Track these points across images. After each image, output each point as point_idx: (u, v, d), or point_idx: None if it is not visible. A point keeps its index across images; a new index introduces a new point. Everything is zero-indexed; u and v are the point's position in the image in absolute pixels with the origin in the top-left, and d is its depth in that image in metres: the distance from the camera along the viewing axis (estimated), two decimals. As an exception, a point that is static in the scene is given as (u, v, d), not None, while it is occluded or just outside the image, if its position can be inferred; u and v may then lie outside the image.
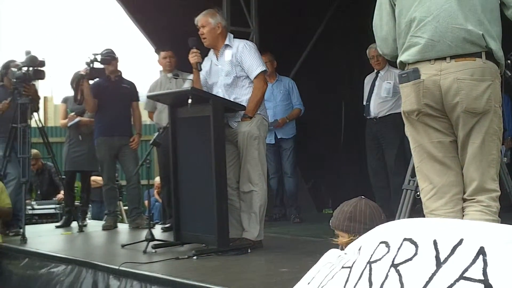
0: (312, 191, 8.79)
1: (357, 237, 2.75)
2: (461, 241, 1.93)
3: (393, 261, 2.00)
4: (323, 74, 8.36)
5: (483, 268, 1.85)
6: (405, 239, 2.03)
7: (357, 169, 7.77)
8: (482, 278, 1.83)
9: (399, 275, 1.96)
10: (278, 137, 7.16)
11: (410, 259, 1.98)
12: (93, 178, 7.97)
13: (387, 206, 6.22)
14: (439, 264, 1.91)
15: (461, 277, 1.86)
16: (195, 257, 4.65)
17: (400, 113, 3.26)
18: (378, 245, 2.10)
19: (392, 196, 6.27)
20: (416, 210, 3.90)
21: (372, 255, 2.09)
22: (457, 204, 3.05)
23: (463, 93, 2.92)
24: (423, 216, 3.19)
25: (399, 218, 3.91)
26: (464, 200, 3.06)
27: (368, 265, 2.06)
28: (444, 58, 2.96)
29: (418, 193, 3.44)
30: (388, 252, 2.05)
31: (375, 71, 6.84)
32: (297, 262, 4.19)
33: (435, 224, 2.09)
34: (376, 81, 6.80)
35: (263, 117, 5.20)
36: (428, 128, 3.07)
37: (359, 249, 2.17)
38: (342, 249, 2.81)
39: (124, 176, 7.39)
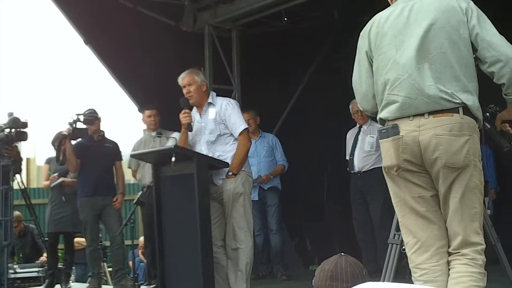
0: (298, 248, 8.74)
1: None
2: None
3: None
4: (306, 130, 8.42)
5: None
6: None
7: (343, 224, 7.74)
8: None
9: None
10: (266, 188, 7.13)
11: None
12: (76, 239, 7.87)
13: (374, 260, 6.20)
14: None
15: None
16: (181, 318, 4.57)
17: (382, 168, 3.27)
18: None
19: (378, 251, 6.23)
20: (402, 265, 3.88)
21: None
22: (442, 258, 3.04)
23: (441, 149, 2.94)
24: (410, 270, 3.17)
25: (385, 273, 3.88)
26: (450, 254, 3.05)
27: None
28: (422, 114, 2.99)
29: (403, 247, 3.43)
30: None
31: (358, 125, 6.90)
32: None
33: None
34: (359, 136, 6.85)
35: (248, 173, 5.21)
36: (409, 183, 3.08)
37: None
38: None
39: (108, 236, 7.31)
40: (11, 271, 8.37)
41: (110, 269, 8.38)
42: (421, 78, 2.99)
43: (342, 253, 2.88)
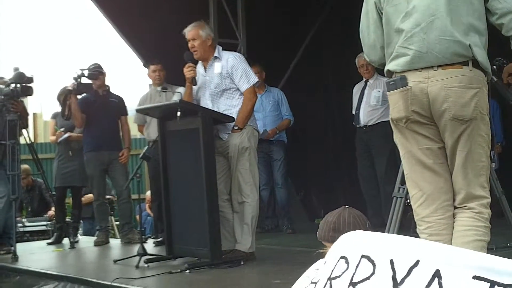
0: (303, 202, 8.79)
1: None
2: (417, 263, 1.92)
3: (351, 279, 1.99)
4: (312, 84, 8.39)
5: None
6: (363, 256, 2.02)
7: (348, 178, 7.78)
8: None
9: None
10: (271, 141, 7.14)
11: (368, 278, 1.96)
12: (84, 197, 7.93)
13: (379, 214, 6.24)
14: (396, 285, 1.90)
15: None
16: (188, 271, 4.62)
17: (389, 121, 3.26)
18: (338, 260, 2.08)
19: (383, 204, 6.27)
20: (407, 218, 3.91)
21: (332, 271, 2.07)
22: (447, 211, 3.05)
23: (450, 100, 2.92)
24: (414, 223, 3.19)
25: (390, 226, 3.91)
26: (455, 207, 3.06)
27: (328, 282, 2.05)
28: (431, 66, 2.97)
29: (408, 201, 3.45)
30: (347, 269, 2.03)
31: (364, 80, 6.87)
32: (290, 273, 4.17)
33: (392, 242, 2.07)
34: (365, 90, 6.82)
35: (254, 128, 5.21)
36: (417, 135, 3.07)
37: (324, 263, 2.17)
38: None
39: (115, 190, 7.37)
40: (20, 224, 8.49)
41: (118, 222, 8.48)
42: (432, 31, 2.96)
43: (346, 206, 2.90)
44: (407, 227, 4.50)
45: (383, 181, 6.49)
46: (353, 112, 6.91)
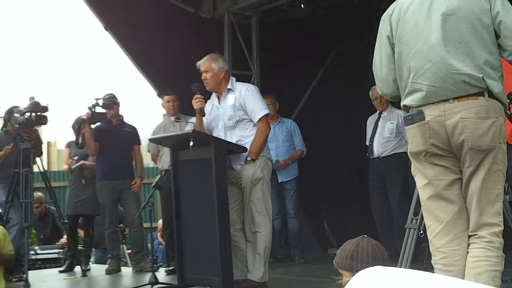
0: (316, 232, 8.76)
1: None
2: None
3: None
4: (325, 115, 8.41)
5: None
6: None
7: (361, 208, 7.74)
8: None
9: None
10: (279, 181, 7.17)
11: None
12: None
13: (392, 245, 6.20)
14: None
15: None
16: (199, 300, 4.61)
17: (403, 153, 3.29)
18: None
19: (396, 236, 6.24)
20: (421, 249, 3.89)
21: None
22: (463, 241, 3.03)
23: (467, 132, 2.94)
24: (428, 254, 3.17)
25: (403, 257, 3.89)
26: (469, 236, 3.05)
27: None
28: (447, 100, 2.99)
29: (421, 232, 3.43)
30: None
31: (378, 111, 6.90)
32: (302, 304, 4.16)
33: (408, 279, 2.06)
34: (379, 122, 6.85)
35: (267, 158, 5.21)
36: (435, 166, 3.08)
37: None
38: None
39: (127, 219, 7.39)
40: (32, 252, 8.49)
41: (129, 251, 8.48)
42: (444, 66, 2.98)
43: (365, 235, 2.90)
44: (421, 258, 4.48)
45: (396, 212, 6.47)
46: (367, 143, 6.92)
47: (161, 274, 6.15)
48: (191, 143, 4.79)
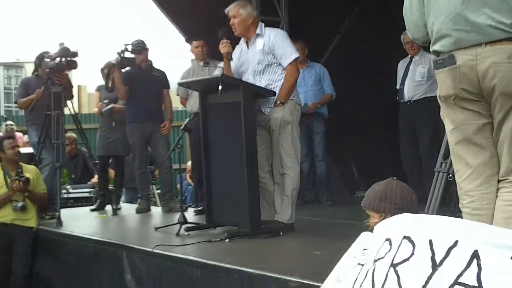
0: (344, 175, 8.78)
1: (387, 217, 2.77)
2: (456, 243, 1.90)
3: (392, 260, 2.00)
4: (355, 60, 8.31)
5: (477, 274, 1.83)
6: (404, 237, 2.02)
7: (390, 152, 7.71)
8: (476, 284, 1.82)
9: (398, 276, 1.95)
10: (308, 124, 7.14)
11: (408, 259, 1.96)
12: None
13: (421, 189, 6.18)
14: (434, 266, 1.89)
15: (456, 282, 1.84)
16: (227, 240, 4.67)
17: (434, 96, 3.24)
18: (384, 243, 2.10)
19: (425, 180, 6.22)
20: (449, 193, 3.89)
21: (378, 252, 2.09)
22: (492, 186, 3.02)
23: (499, 76, 2.89)
24: (456, 198, 3.17)
25: (431, 201, 3.90)
26: (499, 181, 3.04)
27: (374, 264, 2.06)
28: (479, 44, 2.94)
29: (450, 175, 3.42)
30: (390, 250, 2.04)
31: (409, 56, 6.81)
32: (329, 245, 4.20)
33: (431, 222, 2.06)
34: (410, 66, 6.79)
35: (296, 102, 5.21)
36: (465, 110, 3.04)
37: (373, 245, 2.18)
38: (372, 231, 2.83)
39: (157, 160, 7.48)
40: (64, 191, 8.68)
41: (159, 191, 8.61)
42: (474, 11, 2.92)
43: (394, 177, 2.91)
44: (449, 202, 4.48)
45: (426, 156, 6.44)
46: (397, 87, 6.86)
47: (190, 214, 6.23)
48: (220, 87, 4.80)
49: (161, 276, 4.41)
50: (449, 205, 4.52)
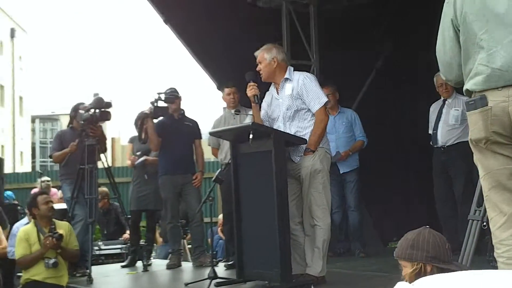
0: (377, 225, 8.61)
1: (420, 267, 2.68)
2: None
3: None
4: (386, 104, 8.25)
5: None
6: None
7: (424, 200, 7.57)
8: None
9: None
10: (341, 171, 7.05)
11: None
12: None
13: (455, 237, 6.02)
14: None
15: None
16: (257, 295, 4.58)
17: (468, 141, 3.14)
18: None
19: (460, 228, 6.05)
20: (484, 242, 3.75)
21: None
22: (528, 234, 2.90)
23: None
24: (491, 247, 3.05)
25: (465, 249, 3.76)
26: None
27: None
28: (511, 85, 2.84)
29: (484, 224, 3.31)
30: None
31: (442, 98, 6.71)
32: (362, 298, 4.07)
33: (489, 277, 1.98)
34: (443, 109, 6.68)
35: (326, 150, 5.15)
36: (498, 155, 2.95)
37: None
38: (407, 281, 2.72)
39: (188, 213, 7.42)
40: (96, 247, 8.66)
41: (190, 246, 8.53)
42: None
43: (427, 226, 2.83)
44: (484, 251, 4.32)
45: (461, 203, 6.28)
46: (430, 131, 6.74)
47: (221, 269, 6.16)
48: (251, 136, 4.76)
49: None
50: (484, 254, 4.37)
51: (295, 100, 5.07)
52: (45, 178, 10.99)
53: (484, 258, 4.35)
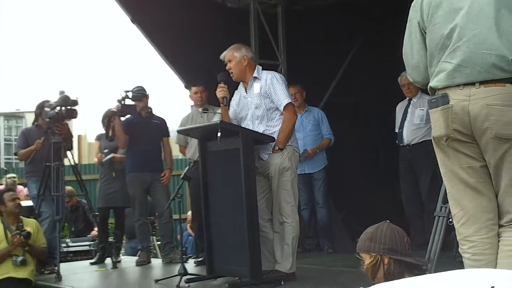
0: (345, 221, 8.71)
1: (377, 259, 2.76)
2: None
3: None
4: (353, 103, 8.35)
5: None
6: None
7: (391, 197, 7.69)
8: None
9: None
10: (307, 171, 7.13)
11: None
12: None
13: (422, 233, 6.14)
14: None
15: None
16: (228, 291, 4.60)
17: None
18: None
19: (426, 224, 6.18)
20: (451, 237, 3.84)
21: None
22: (491, 230, 2.99)
23: (492, 119, 2.88)
24: (457, 243, 3.13)
25: (432, 246, 3.85)
26: (500, 226, 2.99)
27: None
28: (473, 84, 2.92)
29: (450, 220, 3.39)
30: None
31: (407, 98, 6.81)
32: (330, 294, 4.14)
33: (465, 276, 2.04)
34: (408, 108, 6.78)
35: (294, 148, 5.19)
36: (458, 153, 3.03)
37: None
38: (369, 277, 2.82)
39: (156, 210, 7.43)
40: (64, 244, 8.60)
41: (159, 242, 8.53)
42: (475, 46, 2.92)
43: (387, 220, 2.91)
44: (450, 246, 4.42)
45: (427, 200, 6.40)
46: (396, 130, 6.85)
47: (191, 265, 6.17)
48: (219, 134, 4.79)
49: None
50: (451, 250, 4.47)
51: (263, 99, 5.11)
52: (11, 175, 10.89)
53: (451, 254, 4.47)
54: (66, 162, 6.95)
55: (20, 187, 9.92)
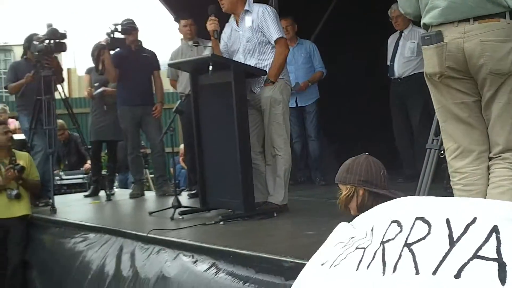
0: (337, 154, 8.76)
1: (352, 190, 2.81)
2: (474, 220, 1.92)
3: (406, 240, 2.01)
4: (345, 36, 8.27)
5: (496, 247, 1.84)
6: (417, 218, 2.03)
7: (383, 129, 7.72)
8: (496, 256, 1.83)
9: (413, 254, 1.96)
10: (299, 104, 7.14)
11: (423, 238, 1.97)
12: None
13: (412, 166, 6.21)
14: (452, 243, 1.90)
15: (475, 255, 1.85)
16: (221, 223, 4.67)
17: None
18: (390, 225, 2.10)
19: (417, 156, 6.23)
20: (441, 170, 3.89)
21: (384, 235, 2.09)
22: (482, 162, 3.03)
23: (487, 55, 2.88)
24: (448, 175, 3.18)
25: (423, 178, 3.90)
26: (490, 159, 3.04)
27: (381, 245, 2.07)
28: (467, 20, 2.90)
29: (442, 152, 3.43)
30: (400, 231, 2.05)
31: (399, 31, 6.76)
32: (323, 225, 4.20)
33: (447, 203, 2.07)
34: (400, 41, 6.73)
35: (286, 81, 5.19)
36: (451, 89, 3.04)
37: (372, 230, 2.18)
38: (341, 207, 2.87)
39: (149, 144, 7.46)
40: (57, 177, 8.66)
41: (152, 175, 8.60)
42: None
43: (367, 153, 2.96)
44: (441, 178, 4.48)
45: (417, 132, 6.44)
46: (388, 63, 6.82)
47: (184, 198, 6.22)
48: (210, 67, 4.76)
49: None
50: (441, 182, 4.53)
51: (255, 32, 5.06)
52: (1, 105, 10.82)
53: (442, 185, 4.53)
54: (57, 95, 6.92)
55: (10, 120, 9.90)
